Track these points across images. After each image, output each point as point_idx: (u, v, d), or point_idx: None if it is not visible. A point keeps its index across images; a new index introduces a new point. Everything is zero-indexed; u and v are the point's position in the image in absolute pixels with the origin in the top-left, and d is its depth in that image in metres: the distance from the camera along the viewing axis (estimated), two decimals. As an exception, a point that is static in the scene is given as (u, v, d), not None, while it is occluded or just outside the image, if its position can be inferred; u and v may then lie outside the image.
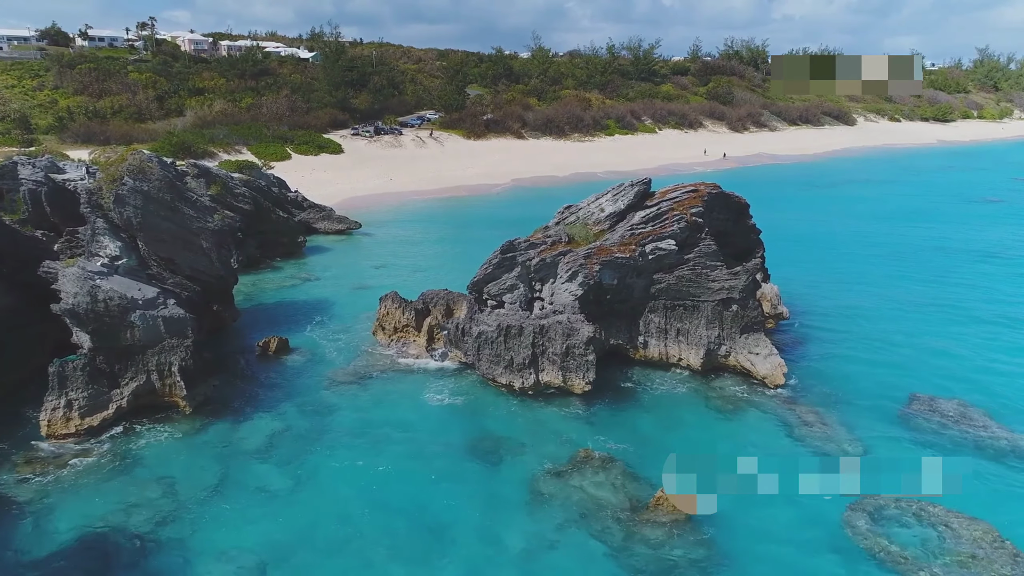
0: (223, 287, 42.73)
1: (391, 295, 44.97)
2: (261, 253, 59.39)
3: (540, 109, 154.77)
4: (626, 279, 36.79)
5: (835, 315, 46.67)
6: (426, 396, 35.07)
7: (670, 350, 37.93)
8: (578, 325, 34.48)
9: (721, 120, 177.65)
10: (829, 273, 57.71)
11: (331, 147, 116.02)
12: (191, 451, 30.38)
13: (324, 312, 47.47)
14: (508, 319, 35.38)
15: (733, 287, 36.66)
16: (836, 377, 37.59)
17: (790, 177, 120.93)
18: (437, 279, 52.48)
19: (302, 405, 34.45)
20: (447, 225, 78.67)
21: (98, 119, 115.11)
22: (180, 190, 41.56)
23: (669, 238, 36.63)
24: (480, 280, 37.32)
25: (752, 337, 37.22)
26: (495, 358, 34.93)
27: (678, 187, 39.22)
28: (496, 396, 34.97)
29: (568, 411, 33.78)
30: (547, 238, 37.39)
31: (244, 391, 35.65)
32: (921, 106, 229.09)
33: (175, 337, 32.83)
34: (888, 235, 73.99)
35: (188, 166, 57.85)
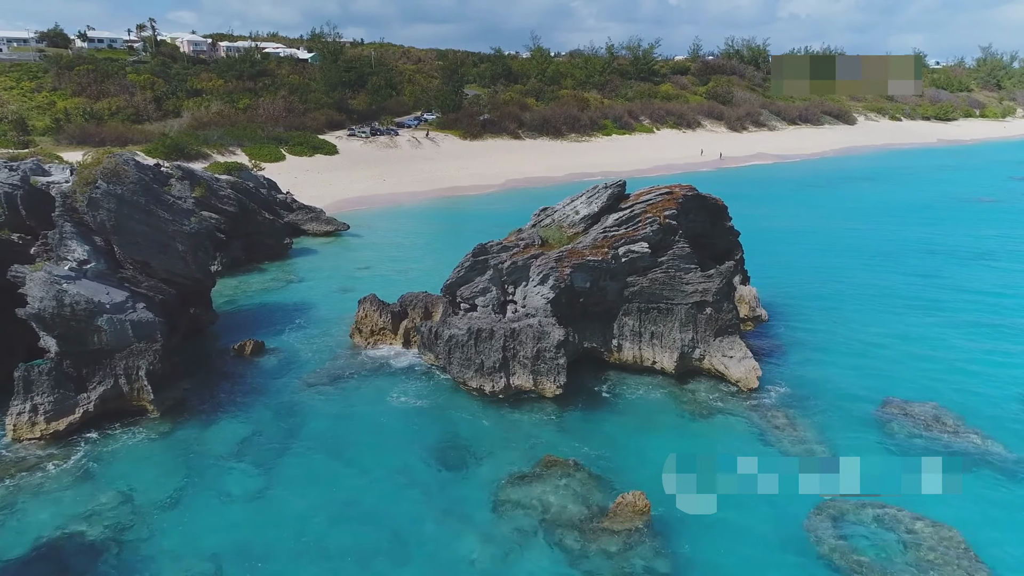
0: (200, 290, 42.66)
1: (369, 298, 44.92)
2: (246, 255, 59.38)
3: (537, 109, 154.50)
4: (599, 282, 36.60)
5: (815, 317, 46.43)
6: (397, 400, 34.94)
7: (644, 353, 37.72)
8: (549, 328, 34.31)
9: (720, 120, 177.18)
10: (813, 274, 57.46)
11: (325, 148, 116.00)
12: (157, 456, 30.30)
13: (304, 314, 47.39)
14: (479, 322, 35.24)
15: (707, 290, 36.44)
16: (811, 380, 37.35)
17: (785, 177, 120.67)
18: (420, 281, 52.37)
19: (273, 409, 34.36)
20: (436, 226, 78.65)
21: (95, 121, 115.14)
22: (156, 193, 41.53)
23: (642, 241, 36.41)
24: (453, 283, 37.18)
25: (727, 340, 36.99)
26: (466, 362, 34.79)
27: (653, 189, 39.02)
28: (467, 400, 34.82)
29: (538, 415, 33.63)
30: (520, 241, 37.23)
31: (216, 395, 35.57)
32: (923, 105, 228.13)
33: (144, 341, 32.76)
34: (878, 235, 73.70)
35: (172, 168, 57.84)
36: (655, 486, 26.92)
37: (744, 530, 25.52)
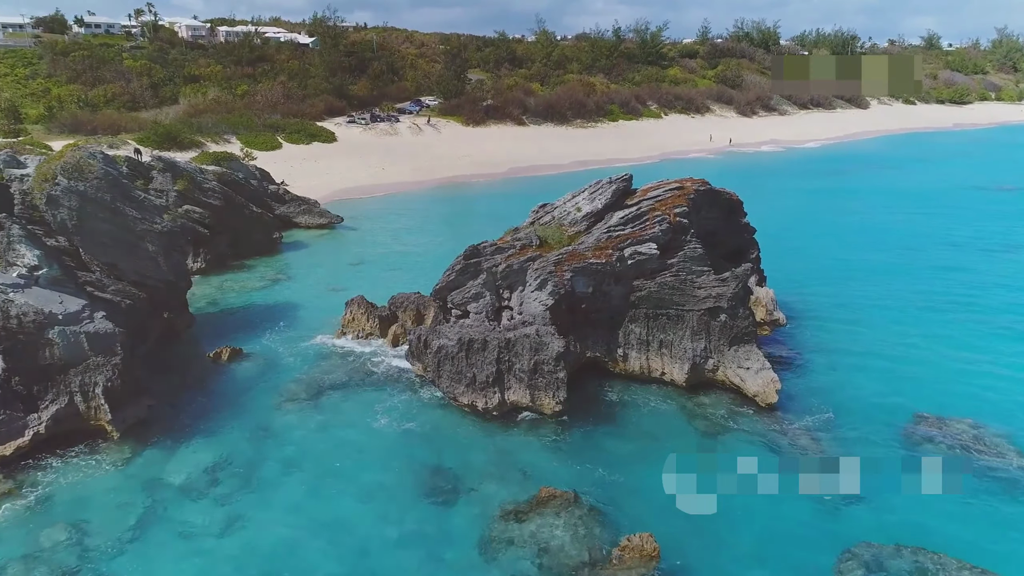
0: (174, 293, 39.71)
1: (357, 300, 41.99)
2: (233, 251, 56.31)
3: (542, 94, 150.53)
4: (602, 286, 33.45)
5: (836, 319, 43.09)
6: (381, 418, 31.86)
7: (652, 363, 34.60)
8: (547, 339, 31.20)
9: (729, 104, 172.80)
10: (831, 271, 54.01)
11: (323, 136, 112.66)
12: (114, 485, 27.39)
13: (289, 316, 44.37)
14: (471, 332, 32.14)
15: (721, 295, 33.23)
16: (835, 393, 34.17)
17: (798, 164, 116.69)
18: (415, 279, 49.36)
19: (247, 427, 31.40)
20: (435, 218, 75.43)
21: (89, 108, 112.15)
22: (125, 189, 38.54)
23: (650, 241, 33.22)
24: (443, 287, 34.09)
25: (742, 349, 33.82)
26: (456, 375, 31.74)
27: (661, 184, 35.76)
28: (458, 418, 31.78)
29: (535, 436, 30.56)
30: (516, 241, 34.06)
31: (184, 411, 32.61)
32: (937, 88, 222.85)
33: (101, 354, 29.79)
34: (897, 227, 70.08)
35: (153, 160, 54.80)
36: (665, 524, 24.06)
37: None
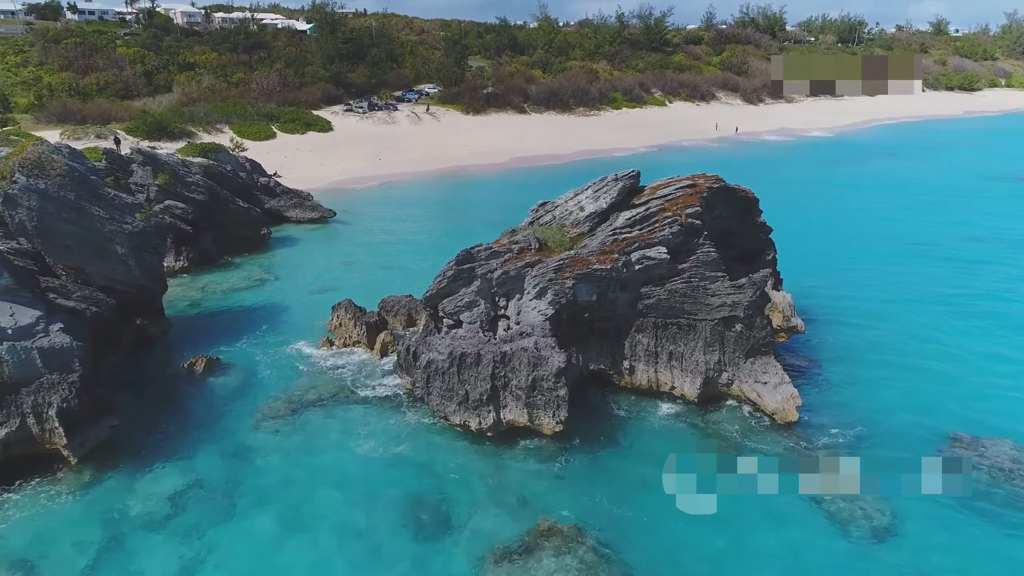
0: (147, 297, 37.04)
1: (345, 304, 39.30)
2: (218, 248, 53.52)
3: (544, 82, 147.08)
4: (607, 294, 30.68)
5: (858, 325, 40.25)
6: (365, 442, 29.08)
7: (661, 377, 31.88)
8: (547, 352, 28.48)
9: (735, 92, 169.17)
10: (849, 270, 51.01)
11: (319, 125, 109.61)
12: (70, 516, 24.84)
13: (273, 320, 41.66)
14: (463, 345, 29.40)
15: (737, 303, 30.45)
16: (859, 409, 31.41)
17: (806, 154, 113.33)
18: (409, 279, 46.80)
19: (219, 450, 28.77)
20: (433, 211, 72.42)
21: (80, 97, 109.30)
22: (92, 187, 35.79)
23: (659, 245, 30.41)
24: (433, 295, 31.31)
25: (759, 362, 31.09)
26: (447, 392, 29.03)
27: (672, 181, 32.90)
28: (449, 439, 29.09)
29: (533, 460, 27.90)
30: (513, 244, 31.24)
31: (153, 431, 29.96)
32: (947, 74, 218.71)
33: (56, 372, 27.10)
34: (914, 220, 67.06)
35: (133, 153, 51.99)
36: (678, 566, 21.39)
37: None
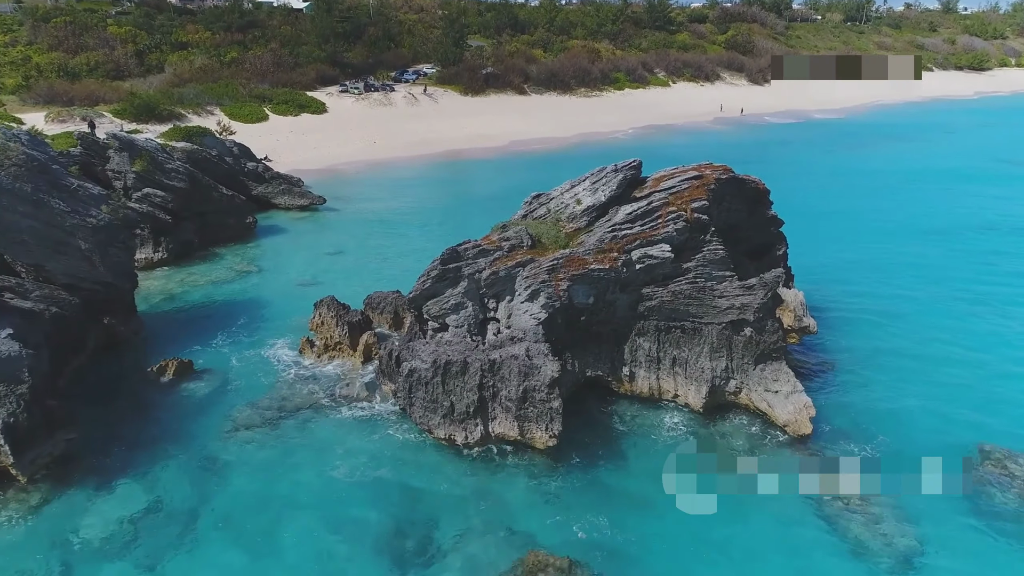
0: (115, 295, 34.72)
1: (327, 301, 36.82)
2: (200, 238, 51.10)
3: (545, 62, 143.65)
4: (606, 295, 28.31)
5: (873, 324, 37.82)
6: (343, 455, 26.85)
7: (664, 384, 29.57)
8: (539, 361, 26.14)
9: (740, 72, 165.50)
10: (861, 263, 48.31)
11: (313, 107, 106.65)
12: (15, 542, 22.66)
13: (252, 317, 39.36)
14: (448, 352, 27.08)
15: (746, 305, 28.05)
16: (878, 418, 29.10)
17: (813, 137, 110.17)
18: (399, 272, 44.55)
19: (187, 465, 26.55)
20: (428, 198, 69.74)
21: (69, 78, 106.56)
22: (54, 177, 33.37)
23: (663, 242, 28.00)
24: (417, 296, 28.95)
25: (770, 368, 28.74)
26: (431, 404, 26.74)
27: (676, 172, 30.38)
28: (432, 455, 26.82)
29: (524, 477, 25.67)
30: (503, 242, 28.79)
31: (115, 443, 27.71)
32: (956, 54, 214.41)
33: (2, 383, 24.86)
34: (928, 208, 64.26)
35: (109, 138, 49.46)
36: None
37: None
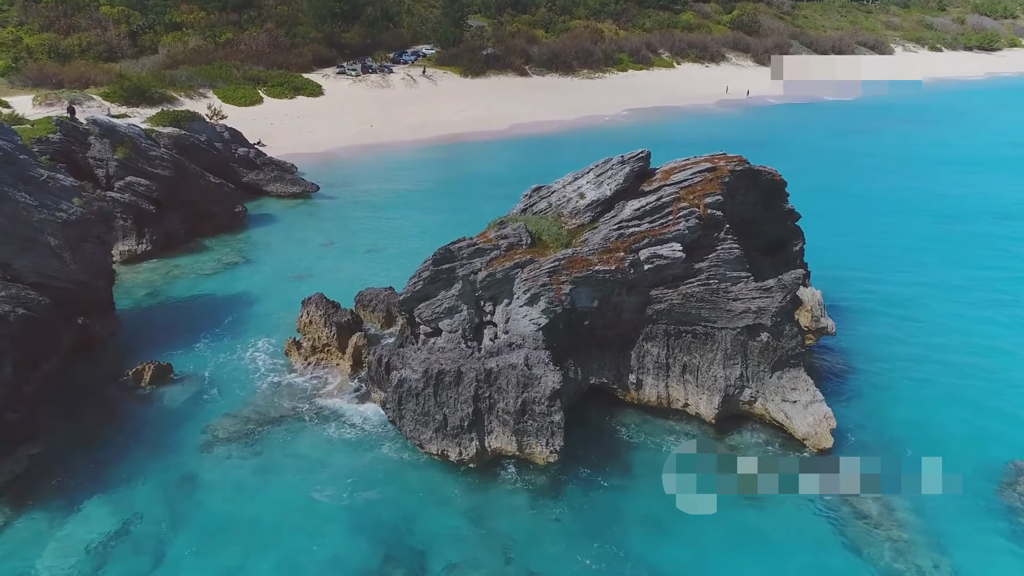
0: (89, 294, 32.69)
1: (315, 298, 34.73)
2: (186, 229, 49.01)
3: (547, 42, 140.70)
4: (611, 298, 26.25)
5: (894, 325, 35.67)
6: (328, 475, 24.79)
7: (673, 393, 27.59)
8: (539, 371, 24.15)
9: (746, 52, 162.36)
10: (878, 256, 45.97)
11: (309, 89, 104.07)
12: (-32, 571, 20.91)
13: (238, 314, 37.36)
14: (441, 360, 25.07)
15: (763, 309, 25.99)
16: (902, 432, 27.09)
17: (821, 119, 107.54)
18: (395, 264, 42.63)
19: (160, 482, 24.63)
20: (426, 184, 67.35)
21: (60, 59, 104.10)
22: (21, 167, 31.25)
23: (673, 241, 25.90)
24: (409, 298, 26.91)
25: (788, 376, 26.74)
26: (422, 417, 24.77)
27: (688, 163, 28.20)
28: (424, 472, 24.85)
29: (524, 495, 23.76)
30: (501, 240, 26.69)
31: (84, 458, 25.76)
32: (965, 33, 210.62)
33: (-42, 397, 23.00)
34: (944, 196, 61.75)
35: (89, 123, 47.25)
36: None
37: None
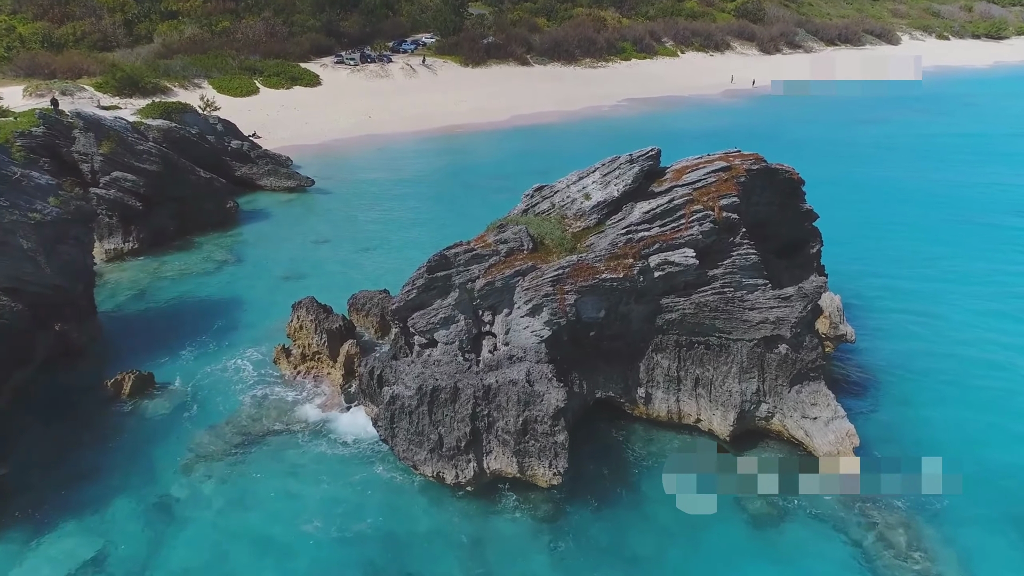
0: (65, 299, 30.97)
1: (306, 303, 32.88)
2: (176, 226, 47.29)
3: (548, 31, 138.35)
4: (618, 307, 24.49)
5: (917, 332, 33.80)
6: (315, 499, 23.09)
7: (684, 407, 25.86)
8: (542, 387, 22.42)
9: (751, 41, 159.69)
10: (896, 255, 44.06)
11: (306, 79, 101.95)
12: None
13: (226, 318, 35.65)
14: (436, 375, 23.34)
15: (782, 319, 24.22)
16: (931, 449, 25.39)
17: (829, 109, 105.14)
18: (392, 264, 41.01)
19: (136, 506, 22.98)
20: (425, 178, 65.41)
21: (54, 48, 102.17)
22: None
23: (686, 247, 24.11)
24: (402, 307, 25.15)
25: (807, 390, 24.99)
26: (416, 436, 23.05)
27: (701, 162, 26.35)
28: (420, 497, 23.13)
29: (525, 522, 22.08)
30: (500, 244, 24.90)
31: (56, 479, 24.09)
32: (973, 21, 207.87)
33: (-87, 417, 21.31)
34: (960, 190, 59.74)
35: (73, 117, 45.39)
36: None
37: None
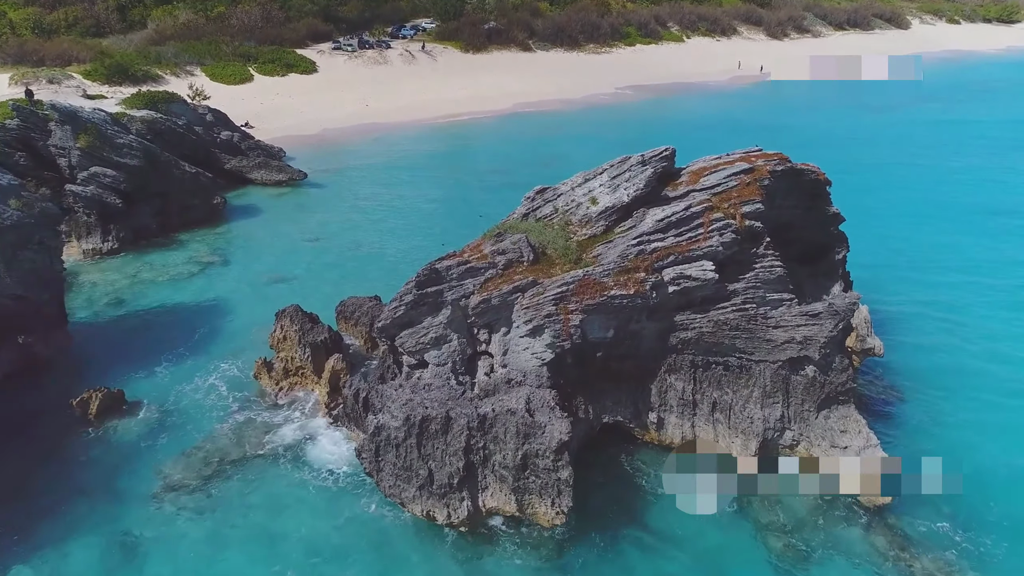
0: (28, 309, 28.70)
1: (290, 311, 30.52)
2: (160, 223, 45.01)
3: (551, 15, 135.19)
4: (629, 325, 22.15)
5: (949, 342, 31.26)
6: (293, 540, 20.74)
7: (700, 434, 23.56)
8: (543, 417, 20.11)
9: (758, 25, 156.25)
10: (923, 259, 41.09)
11: (302, 66, 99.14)
12: None
13: (206, 328, 33.34)
14: (425, 402, 21.03)
15: (810, 339, 21.85)
16: (969, 479, 23.09)
17: (837, 97, 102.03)
18: (386, 267, 38.74)
19: (97, 546, 20.80)
20: (424, 170, 62.78)
21: (45, 35, 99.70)
22: (-54, 166, 27.05)
23: (704, 259, 21.71)
24: (389, 325, 22.80)
25: (836, 415, 22.69)
26: (404, 471, 20.77)
27: (720, 163, 23.87)
28: (410, 535, 20.85)
29: (524, 568, 19.79)
30: (497, 256, 22.50)
31: (12, 513, 21.86)
32: (984, 5, 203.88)
33: None
34: (984, 186, 56.82)
35: (48, 109, 42.97)
36: None
37: None
